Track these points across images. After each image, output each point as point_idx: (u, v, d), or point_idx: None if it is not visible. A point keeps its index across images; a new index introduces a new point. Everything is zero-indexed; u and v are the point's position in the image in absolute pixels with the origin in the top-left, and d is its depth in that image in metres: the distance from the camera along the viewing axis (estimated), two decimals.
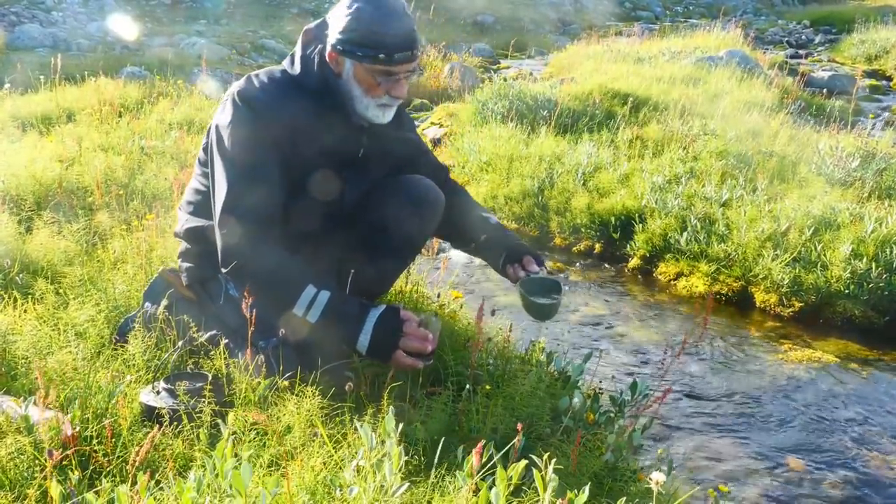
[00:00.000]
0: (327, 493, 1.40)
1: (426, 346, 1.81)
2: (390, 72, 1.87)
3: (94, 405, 1.63)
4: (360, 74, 1.88)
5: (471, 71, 9.22)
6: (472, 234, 2.28)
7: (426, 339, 1.81)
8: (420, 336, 1.81)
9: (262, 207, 1.85)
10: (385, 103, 1.93)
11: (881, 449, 2.45)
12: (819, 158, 4.85)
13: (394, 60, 1.84)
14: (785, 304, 3.44)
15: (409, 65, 1.88)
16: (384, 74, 1.87)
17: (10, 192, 3.30)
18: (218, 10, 14.63)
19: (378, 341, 1.80)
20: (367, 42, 1.83)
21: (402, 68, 1.88)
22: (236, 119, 1.88)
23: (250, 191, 1.85)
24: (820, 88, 8.59)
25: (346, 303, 1.84)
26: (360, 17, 1.83)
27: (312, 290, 1.80)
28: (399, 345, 1.79)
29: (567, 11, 18.44)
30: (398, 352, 1.79)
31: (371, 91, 1.90)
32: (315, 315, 1.80)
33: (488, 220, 2.31)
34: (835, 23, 15.71)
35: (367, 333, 1.80)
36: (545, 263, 2.19)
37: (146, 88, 6.29)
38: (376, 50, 1.83)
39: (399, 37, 1.84)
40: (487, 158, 5.17)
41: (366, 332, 1.80)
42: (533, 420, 1.79)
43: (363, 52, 1.84)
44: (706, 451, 2.40)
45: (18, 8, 11.76)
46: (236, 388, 1.76)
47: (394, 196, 2.08)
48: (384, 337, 1.79)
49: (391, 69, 1.86)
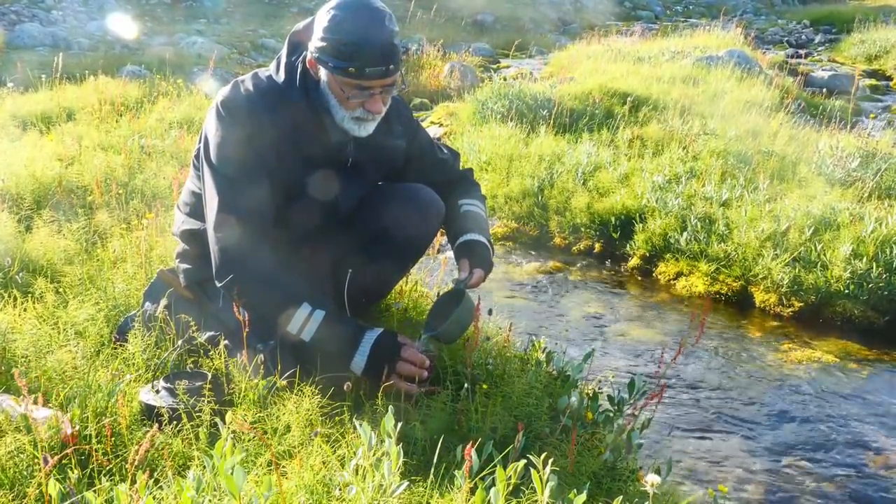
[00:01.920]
0: (326, 492, 1.40)
1: (422, 372, 1.81)
2: (362, 86, 1.77)
3: (93, 404, 1.63)
4: (332, 85, 1.81)
5: (470, 70, 9.22)
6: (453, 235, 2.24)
7: (423, 365, 1.81)
8: (417, 361, 1.81)
9: (252, 216, 1.83)
10: (359, 116, 1.84)
11: (881, 449, 2.45)
12: (819, 158, 4.85)
13: (364, 75, 1.75)
14: (785, 303, 3.44)
15: (383, 80, 1.78)
16: (356, 88, 1.78)
17: (10, 190, 3.30)
18: (218, 9, 14.62)
19: (374, 364, 1.79)
20: (338, 53, 1.74)
21: (376, 83, 1.78)
22: (221, 129, 1.86)
23: (239, 200, 1.83)
24: (820, 88, 8.58)
25: (341, 322, 1.83)
26: (335, 25, 1.74)
27: (307, 308, 1.79)
28: (395, 369, 1.79)
29: (567, 11, 18.42)
30: (394, 375, 1.79)
31: (344, 103, 1.82)
32: (310, 334, 1.79)
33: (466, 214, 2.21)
34: (835, 22, 15.70)
35: (363, 355, 1.80)
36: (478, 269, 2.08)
37: (146, 87, 6.29)
38: (346, 62, 1.74)
39: (373, 50, 1.73)
40: (487, 158, 5.16)
41: (362, 353, 1.80)
42: (532, 419, 1.79)
43: (334, 63, 1.75)
44: (706, 450, 2.40)
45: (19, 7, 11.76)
46: (236, 387, 1.76)
47: (396, 200, 2.08)
48: (380, 360, 1.79)
49: (362, 83, 1.77)
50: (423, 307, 2.44)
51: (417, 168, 2.20)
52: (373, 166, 2.06)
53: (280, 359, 1.79)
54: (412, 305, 2.43)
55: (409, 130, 2.16)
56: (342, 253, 2.04)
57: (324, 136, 1.92)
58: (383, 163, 2.10)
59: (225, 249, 1.83)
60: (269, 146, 1.85)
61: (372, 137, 1.92)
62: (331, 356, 1.83)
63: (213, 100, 1.97)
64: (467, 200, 2.25)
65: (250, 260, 1.83)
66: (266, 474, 1.42)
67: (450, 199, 2.21)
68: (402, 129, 2.12)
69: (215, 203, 1.84)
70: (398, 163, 2.15)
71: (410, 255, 2.18)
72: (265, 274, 1.83)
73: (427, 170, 2.22)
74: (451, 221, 2.20)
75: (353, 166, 2.01)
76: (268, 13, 14.78)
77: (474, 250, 2.11)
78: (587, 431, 1.83)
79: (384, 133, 1.99)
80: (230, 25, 13.44)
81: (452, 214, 2.20)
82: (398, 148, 2.12)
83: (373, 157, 2.03)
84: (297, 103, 1.87)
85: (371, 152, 2.01)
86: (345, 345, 1.81)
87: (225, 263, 1.83)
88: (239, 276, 1.82)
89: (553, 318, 3.37)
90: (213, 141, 1.87)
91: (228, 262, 1.83)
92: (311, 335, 1.79)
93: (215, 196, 1.85)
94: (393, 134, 2.08)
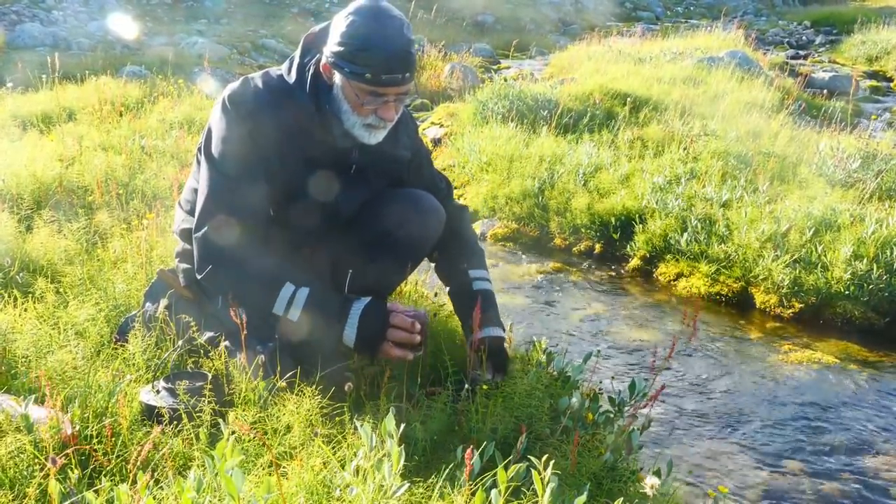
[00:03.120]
0: (327, 493, 1.40)
1: (414, 337, 1.78)
2: (377, 93, 1.78)
3: (94, 404, 1.63)
4: (347, 91, 1.81)
5: (471, 71, 9.21)
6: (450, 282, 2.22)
7: (414, 330, 1.79)
8: (407, 327, 1.78)
9: (242, 214, 1.83)
10: (371, 123, 1.83)
11: (881, 450, 2.45)
12: (820, 159, 4.85)
13: (381, 82, 1.75)
14: (785, 304, 3.44)
15: (398, 87, 1.78)
16: (371, 94, 1.78)
17: (11, 190, 3.30)
18: (218, 9, 14.62)
19: (365, 333, 1.77)
20: (355, 59, 1.74)
21: (391, 90, 1.78)
22: (225, 122, 1.86)
23: (232, 197, 1.83)
24: (820, 89, 8.59)
25: (327, 298, 1.81)
26: (353, 31, 1.74)
27: (290, 287, 1.78)
28: (387, 336, 1.77)
29: (567, 11, 18.42)
30: (386, 343, 1.77)
31: (357, 109, 1.81)
32: (296, 313, 1.77)
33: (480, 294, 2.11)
34: (836, 24, 15.71)
35: (352, 326, 1.77)
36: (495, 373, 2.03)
37: (147, 87, 6.29)
38: (364, 68, 1.74)
39: (390, 57, 1.73)
40: (488, 158, 5.17)
41: (351, 324, 1.77)
42: (532, 420, 1.79)
43: (350, 68, 1.75)
44: (706, 451, 2.40)
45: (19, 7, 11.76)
46: (236, 388, 1.76)
47: (397, 203, 2.07)
48: (371, 328, 1.77)
49: (378, 90, 1.77)
50: (423, 307, 2.44)
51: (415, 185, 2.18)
52: (376, 174, 2.05)
53: (280, 360, 1.79)
54: (412, 306, 2.43)
55: (414, 145, 2.16)
56: (342, 254, 2.03)
57: (329, 140, 1.91)
58: (387, 171, 2.09)
59: (207, 241, 1.82)
60: (272, 144, 1.85)
61: (378, 145, 1.92)
62: (322, 334, 1.80)
63: (213, 100, 1.97)
64: (478, 274, 2.19)
65: (230, 250, 1.81)
66: (267, 475, 1.42)
67: (457, 263, 2.18)
68: (408, 142, 2.12)
69: (206, 196, 1.84)
70: (402, 173, 2.14)
71: (410, 257, 2.17)
72: (245, 261, 1.81)
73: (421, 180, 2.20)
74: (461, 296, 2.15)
75: (357, 172, 2.00)
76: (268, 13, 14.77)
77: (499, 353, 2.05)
78: (588, 432, 1.83)
79: (391, 143, 1.99)
80: (231, 26, 13.44)
81: (463, 288, 2.16)
82: (403, 159, 2.11)
83: (377, 165, 2.03)
84: (305, 105, 1.87)
85: (375, 160, 2.00)
86: (333, 319, 1.78)
87: (205, 255, 1.83)
88: (218, 265, 1.80)
89: (553, 319, 3.37)
90: (217, 135, 1.87)
91: (208, 254, 1.82)
92: (298, 314, 1.77)
93: (208, 190, 1.85)
94: (399, 145, 2.07)
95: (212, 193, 1.84)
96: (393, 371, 1.79)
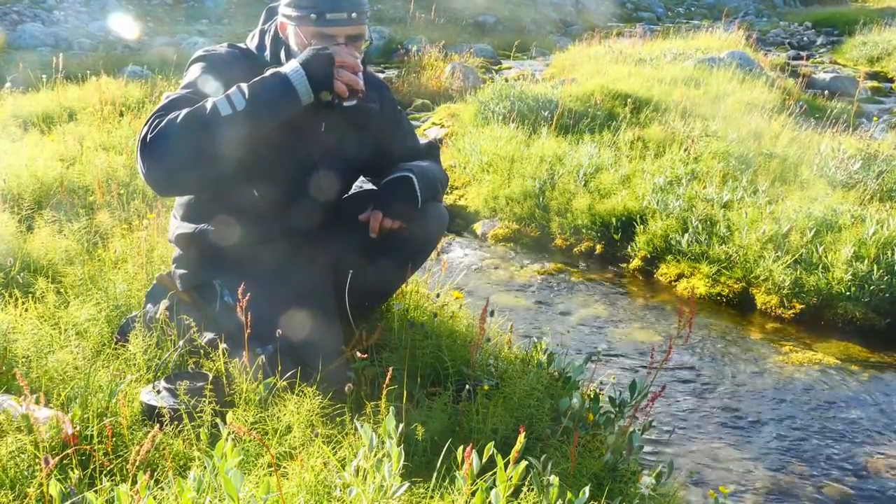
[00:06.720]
0: (327, 493, 1.40)
1: (359, 80, 1.76)
2: (324, 34, 1.76)
3: (94, 404, 1.63)
4: (298, 41, 1.81)
5: (472, 71, 9.21)
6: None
7: (356, 69, 1.76)
8: (350, 63, 1.74)
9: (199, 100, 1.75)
10: None
11: (882, 451, 2.45)
12: (821, 160, 4.85)
13: (325, 21, 1.75)
14: (786, 305, 3.43)
15: (346, 28, 1.77)
16: (319, 38, 1.77)
17: (12, 190, 3.31)
18: (219, 9, 14.64)
19: (316, 79, 1.71)
20: (300, 4, 1.77)
21: (338, 31, 1.77)
22: (191, 69, 1.88)
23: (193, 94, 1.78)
24: (821, 90, 8.58)
25: (263, 77, 1.75)
26: None
27: (222, 93, 1.72)
28: (336, 75, 1.73)
29: (568, 12, 18.43)
30: (336, 82, 1.73)
31: None
32: (241, 101, 1.69)
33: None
34: (837, 24, 15.72)
35: (300, 77, 1.70)
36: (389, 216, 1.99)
37: (148, 88, 6.29)
38: (307, 10, 1.75)
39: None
40: (488, 159, 5.17)
41: (299, 79, 1.70)
42: (533, 421, 1.79)
43: (296, 13, 1.77)
44: (707, 451, 2.40)
45: (20, 7, 11.77)
46: (236, 388, 1.76)
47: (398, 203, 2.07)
48: (319, 71, 1.71)
49: (324, 31, 1.76)
50: (423, 308, 2.44)
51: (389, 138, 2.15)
52: (349, 127, 2.02)
53: (280, 363, 1.79)
54: (413, 306, 2.43)
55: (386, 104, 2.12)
56: (343, 255, 2.03)
57: None
58: (358, 124, 2.04)
59: (155, 115, 1.72)
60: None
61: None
62: (272, 97, 1.72)
63: None
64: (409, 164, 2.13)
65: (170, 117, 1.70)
66: (267, 475, 1.42)
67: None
68: (375, 95, 2.07)
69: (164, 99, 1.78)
70: (371, 124, 2.08)
71: (411, 259, 2.18)
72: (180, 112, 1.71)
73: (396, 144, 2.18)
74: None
75: (328, 130, 1.98)
76: None
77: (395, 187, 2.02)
78: (588, 433, 1.83)
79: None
80: (231, 26, 13.45)
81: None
82: (372, 110, 2.06)
83: (346, 120, 1.99)
84: (268, 64, 1.87)
85: (345, 115, 1.95)
86: (278, 84, 1.72)
87: (151, 120, 1.71)
88: (161, 118, 1.69)
89: (554, 320, 3.37)
90: (186, 78, 1.86)
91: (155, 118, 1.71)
92: (244, 102, 1.68)
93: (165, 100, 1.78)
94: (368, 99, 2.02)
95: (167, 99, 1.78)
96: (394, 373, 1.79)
